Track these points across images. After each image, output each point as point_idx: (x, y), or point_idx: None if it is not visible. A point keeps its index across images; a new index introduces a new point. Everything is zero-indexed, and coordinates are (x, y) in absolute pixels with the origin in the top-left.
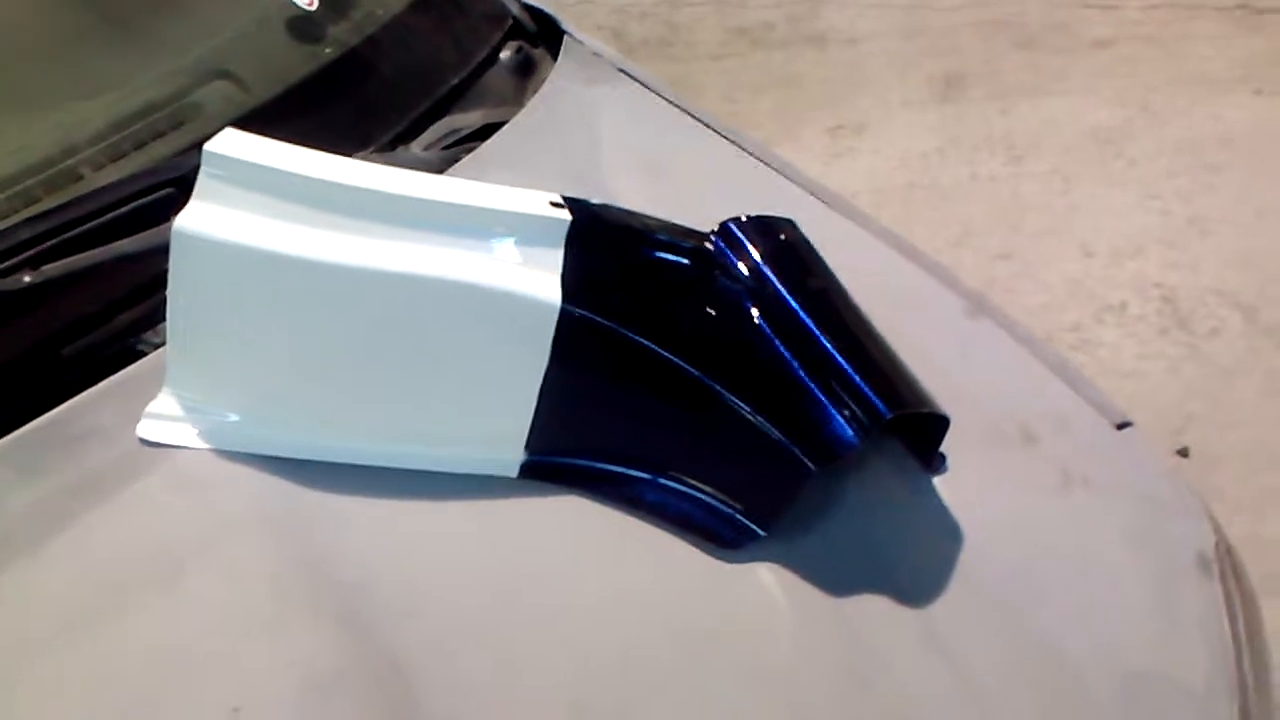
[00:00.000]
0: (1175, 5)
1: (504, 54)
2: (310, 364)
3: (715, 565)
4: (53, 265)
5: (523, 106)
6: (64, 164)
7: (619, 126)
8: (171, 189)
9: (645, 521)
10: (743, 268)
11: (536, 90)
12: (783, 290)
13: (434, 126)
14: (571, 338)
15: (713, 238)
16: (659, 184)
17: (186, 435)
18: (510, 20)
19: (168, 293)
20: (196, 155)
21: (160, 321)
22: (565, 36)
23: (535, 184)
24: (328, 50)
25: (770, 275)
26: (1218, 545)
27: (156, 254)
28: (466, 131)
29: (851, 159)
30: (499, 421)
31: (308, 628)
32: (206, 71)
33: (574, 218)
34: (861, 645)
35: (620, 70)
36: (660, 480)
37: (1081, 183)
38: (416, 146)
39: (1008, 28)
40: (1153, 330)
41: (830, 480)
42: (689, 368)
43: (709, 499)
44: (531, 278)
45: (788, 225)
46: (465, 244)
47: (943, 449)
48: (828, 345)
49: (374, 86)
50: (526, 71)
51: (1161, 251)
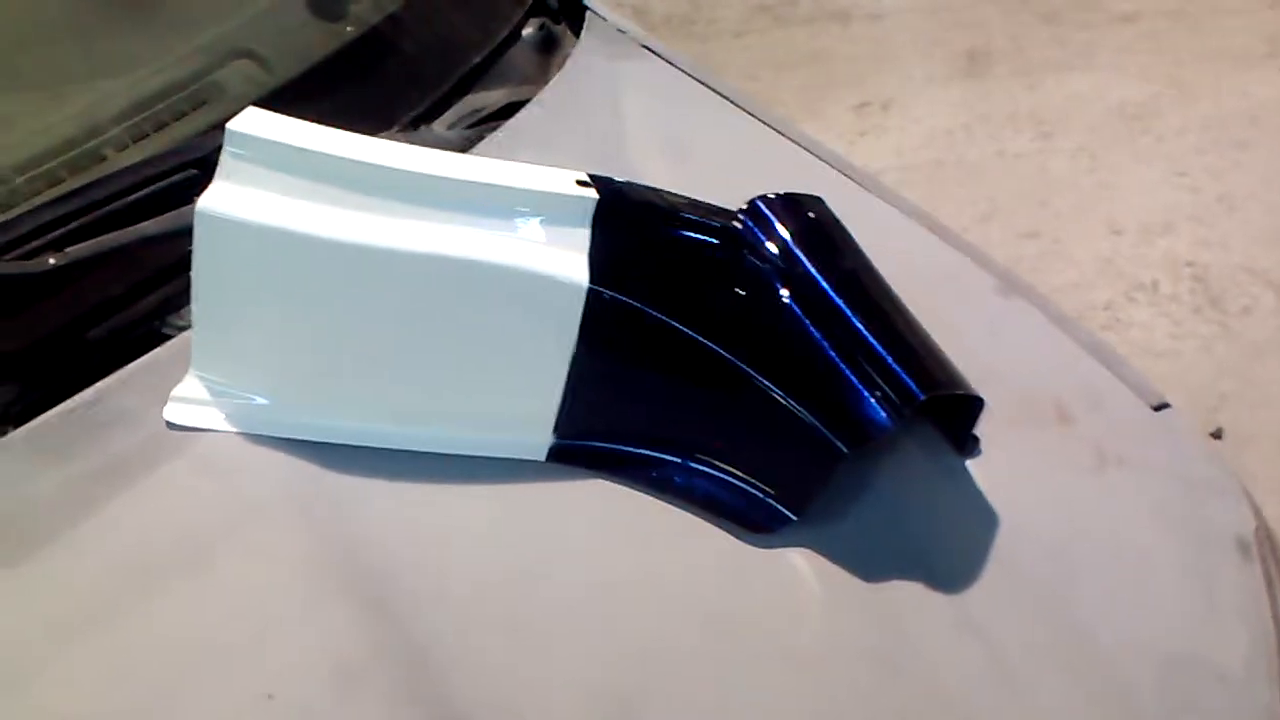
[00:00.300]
0: None
1: (526, 31)
2: (336, 346)
3: (746, 549)
4: (77, 247)
5: (546, 84)
6: (86, 145)
7: (644, 104)
8: (194, 169)
9: (674, 506)
10: (772, 247)
11: (560, 67)
12: (812, 269)
13: (457, 105)
14: (599, 319)
15: (741, 216)
16: (685, 162)
17: (213, 419)
18: None
19: (192, 274)
20: (219, 135)
21: (185, 304)
22: (588, 13)
23: (559, 162)
24: (349, 29)
25: (800, 254)
26: (1258, 529)
27: (181, 235)
28: (490, 110)
29: (877, 136)
30: (527, 404)
31: (337, 613)
32: (228, 51)
33: (600, 196)
34: (894, 630)
35: (644, 46)
36: (690, 464)
37: (1109, 159)
38: (439, 125)
39: (1032, 2)
40: (1185, 309)
41: (862, 463)
42: (718, 349)
43: (739, 483)
44: (559, 258)
45: (817, 203)
46: (490, 224)
47: (976, 430)
48: (859, 325)
49: (396, 65)
50: (549, 49)
51: (1191, 229)
